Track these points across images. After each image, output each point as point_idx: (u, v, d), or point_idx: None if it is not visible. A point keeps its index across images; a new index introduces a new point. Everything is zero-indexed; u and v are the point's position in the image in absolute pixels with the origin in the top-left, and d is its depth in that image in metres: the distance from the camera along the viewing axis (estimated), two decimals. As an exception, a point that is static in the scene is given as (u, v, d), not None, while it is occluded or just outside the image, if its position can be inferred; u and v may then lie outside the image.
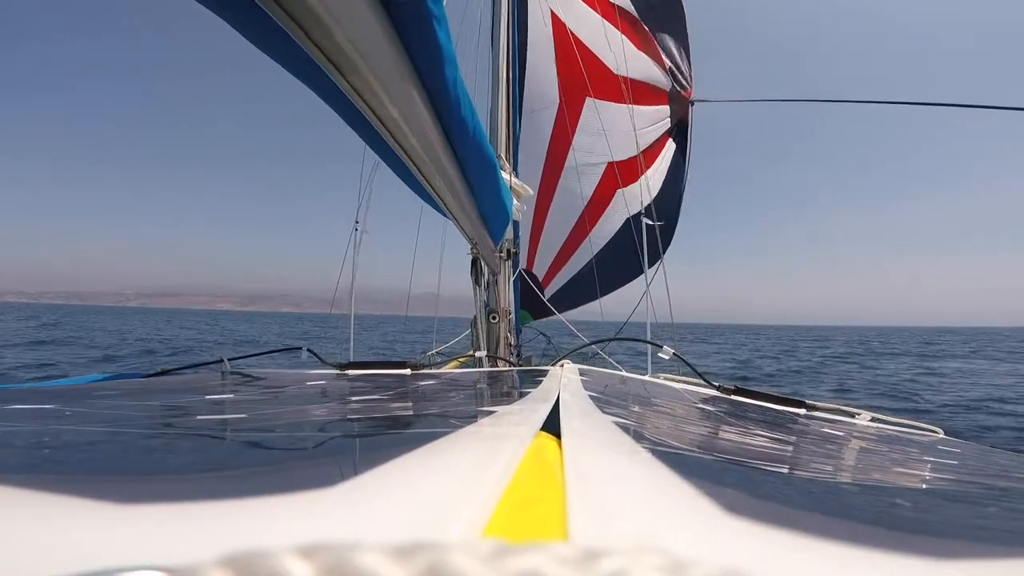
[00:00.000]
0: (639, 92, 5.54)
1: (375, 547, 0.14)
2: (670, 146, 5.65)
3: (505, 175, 2.25)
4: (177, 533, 0.21)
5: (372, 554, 0.14)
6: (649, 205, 5.78)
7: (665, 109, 5.54)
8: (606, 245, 5.67)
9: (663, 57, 5.47)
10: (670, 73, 5.43)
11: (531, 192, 2.67)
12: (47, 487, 0.26)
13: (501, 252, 2.94)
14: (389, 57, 0.87)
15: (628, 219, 5.04)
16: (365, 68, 0.84)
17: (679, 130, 5.56)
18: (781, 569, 0.21)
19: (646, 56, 5.51)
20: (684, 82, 5.45)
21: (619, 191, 5.04)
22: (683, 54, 5.49)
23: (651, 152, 5.64)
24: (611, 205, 4.15)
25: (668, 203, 5.69)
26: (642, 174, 5.66)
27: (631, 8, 5.53)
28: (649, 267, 4.93)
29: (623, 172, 5.38)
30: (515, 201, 2.50)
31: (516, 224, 2.96)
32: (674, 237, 5.64)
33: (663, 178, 5.69)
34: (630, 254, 4.47)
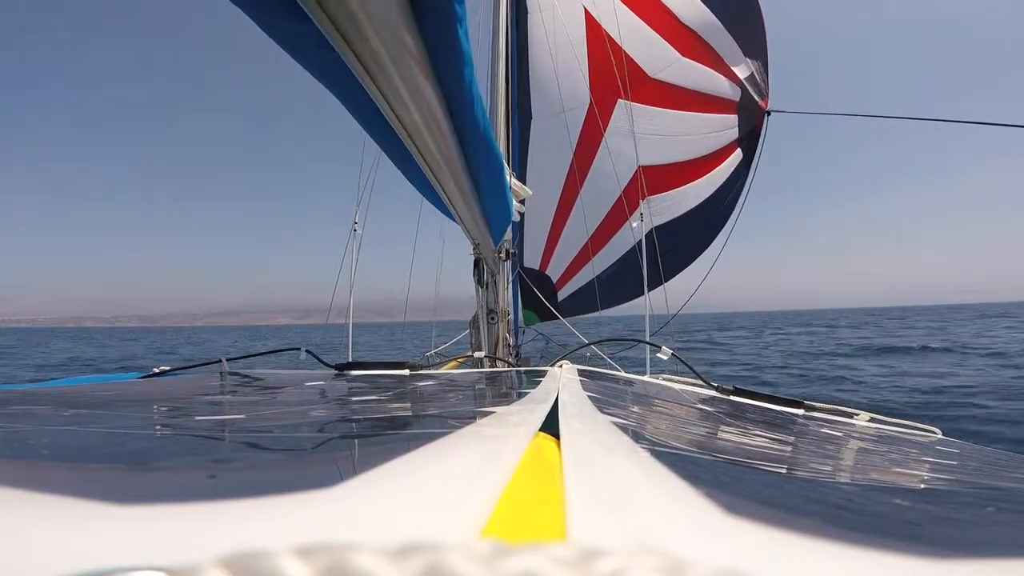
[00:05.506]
0: (690, 99, 5.44)
1: (373, 548, 0.14)
2: (735, 156, 5.49)
3: (506, 176, 2.27)
4: (175, 533, 0.21)
5: (370, 555, 0.14)
6: (693, 210, 5.59)
7: (726, 119, 5.40)
8: (627, 253, 5.54)
9: (730, 66, 5.34)
10: (742, 83, 5.29)
11: (529, 193, 2.68)
12: (43, 487, 0.26)
13: (500, 253, 2.95)
14: (415, 59, 0.87)
15: (652, 228, 4.92)
16: (393, 71, 0.84)
17: (749, 140, 5.41)
18: (780, 569, 0.21)
19: (705, 64, 5.39)
20: (759, 92, 5.29)
21: (647, 198, 4.89)
22: (759, 64, 5.33)
23: (705, 161, 5.52)
24: (636, 211, 4.10)
25: (716, 209, 5.57)
26: (686, 182, 5.57)
27: (698, 15, 5.40)
28: (667, 279, 4.84)
29: (655, 178, 5.27)
30: (514, 202, 2.50)
31: (514, 225, 2.96)
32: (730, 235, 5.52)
33: (716, 187, 5.56)
34: (650, 262, 4.41)
